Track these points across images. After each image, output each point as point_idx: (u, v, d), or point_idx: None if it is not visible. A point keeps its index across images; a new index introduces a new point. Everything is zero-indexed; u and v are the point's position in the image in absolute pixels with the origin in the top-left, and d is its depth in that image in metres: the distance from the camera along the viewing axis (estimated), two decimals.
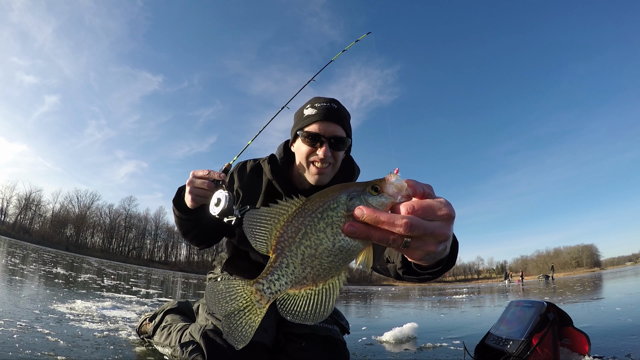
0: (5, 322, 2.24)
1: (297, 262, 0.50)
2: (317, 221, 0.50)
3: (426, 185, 0.55)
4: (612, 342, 2.46)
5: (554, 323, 1.87)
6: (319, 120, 1.26)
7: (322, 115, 1.26)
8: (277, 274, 0.51)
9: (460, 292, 15.21)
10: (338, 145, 1.28)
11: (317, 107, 1.29)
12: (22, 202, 54.88)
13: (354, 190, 0.51)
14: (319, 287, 0.51)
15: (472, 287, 25.78)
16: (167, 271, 39.00)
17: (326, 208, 0.50)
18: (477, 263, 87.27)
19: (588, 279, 20.49)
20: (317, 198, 0.51)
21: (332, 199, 0.50)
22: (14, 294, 3.76)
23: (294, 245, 0.50)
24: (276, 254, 0.51)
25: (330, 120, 1.27)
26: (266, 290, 0.51)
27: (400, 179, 0.52)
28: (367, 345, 2.74)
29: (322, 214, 0.50)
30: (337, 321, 1.49)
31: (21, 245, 27.34)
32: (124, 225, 62.99)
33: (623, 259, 66.61)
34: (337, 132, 1.28)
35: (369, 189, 0.51)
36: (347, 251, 0.50)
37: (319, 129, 1.26)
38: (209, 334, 1.20)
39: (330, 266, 0.51)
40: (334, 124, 1.27)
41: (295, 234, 0.50)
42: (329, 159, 1.27)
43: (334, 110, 1.29)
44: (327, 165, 1.29)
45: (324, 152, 1.25)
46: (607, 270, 50.14)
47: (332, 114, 1.28)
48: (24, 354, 1.64)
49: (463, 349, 2.12)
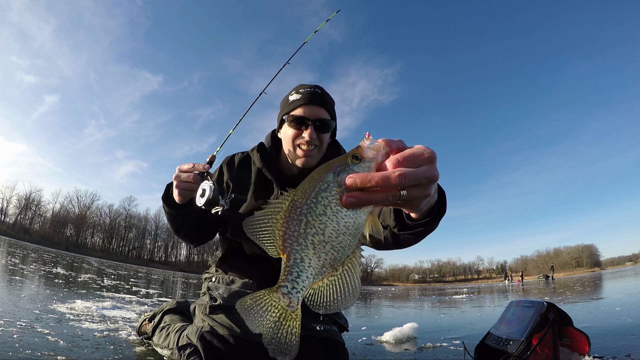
0: (5, 322, 2.24)
1: (311, 254, 0.49)
2: (315, 206, 0.49)
3: (398, 140, 0.55)
4: (612, 342, 2.46)
5: (554, 323, 1.87)
6: (304, 104, 1.30)
7: (306, 99, 1.30)
8: (295, 271, 0.49)
9: (460, 292, 15.21)
10: (323, 127, 1.31)
11: (302, 92, 1.33)
12: (22, 202, 54.90)
13: (337, 166, 0.50)
14: (339, 271, 0.50)
15: (472, 287, 25.78)
16: (167, 271, 39.01)
17: (318, 191, 0.49)
18: (477, 263, 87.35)
19: (588, 279, 20.49)
20: (305, 185, 0.50)
21: (320, 181, 0.49)
22: (14, 294, 3.76)
23: (301, 238, 0.49)
24: (287, 252, 0.50)
25: (314, 103, 1.31)
26: (292, 292, 0.50)
27: (374, 140, 0.52)
28: (367, 345, 2.74)
29: (317, 198, 0.49)
30: (336, 320, 1.48)
31: (21, 245, 27.34)
32: (124, 225, 63.02)
33: (623, 259, 66.57)
34: (322, 114, 1.32)
35: (350, 160, 0.50)
36: (353, 225, 0.49)
37: (303, 112, 1.30)
38: (206, 336, 1.19)
39: (342, 246, 0.49)
40: (318, 107, 1.31)
41: (297, 226, 0.49)
42: (314, 141, 1.31)
43: (317, 94, 1.33)
44: (313, 148, 1.32)
45: (309, 134, 1.29)
46: (607, 270, 50.15)
47: (316, 97, 1.32)
48: (24, 354, 1.64)
49: (463, 349, 2.12)
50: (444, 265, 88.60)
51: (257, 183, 1.41)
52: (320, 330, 1.33)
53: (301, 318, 0.52)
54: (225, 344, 1.16)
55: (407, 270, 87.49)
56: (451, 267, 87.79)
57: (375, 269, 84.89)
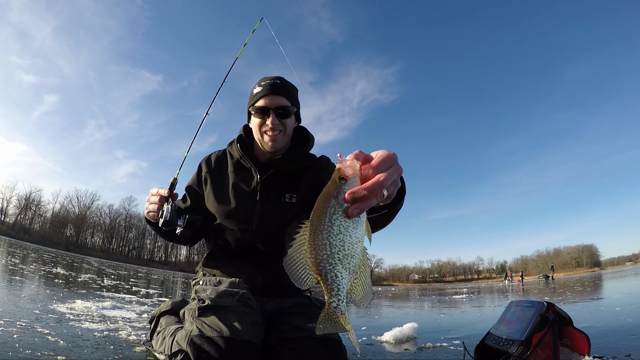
0: (5, 322, 2.24)
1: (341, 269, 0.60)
2: (332, 229, 0.59)
3: (358, 152, 0.66)
4: (612, 342, 2.46)
5: (554, 323, 1.87)
6: (265, 94, 1.45)
7: (267, 90, 1.45)
8: (335, 287, 0.61)
9: (460, 292, 15.21)
10: (284, 113, 1.46)
11: (263, 84, 1.48)
12: (22, 202, 54.91)
13: (333, 191, 0.60)
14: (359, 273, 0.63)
15: (472, 287, 25.79)
16: (167, 271, 39.02)
17: (330, 216, 0.59)
18: (477, 263, 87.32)
19: (588, 279, 20.50)
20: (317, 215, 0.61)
21: (327, 208, 0.60)
22: (14, 294, 3.76)
23: (330, 259, 0.59)
24: (322, 275, 0.61)
25: (274, 93, 1.46)
26: (340, 304, 0.63)
27: (347, 159, 0.63)
28: (367, 345, 2.74)
29: (331, 221, 0.59)
30: None
31: (21, 245, 27.35)
32: (124, 225, 63.03)
33: (623, 259, 66.53)
34: (282, 102, 1.46)
35: (339, 182, 0.60)
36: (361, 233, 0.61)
37: (265, 102, 1.45)
38: (196, 340, 1.17)
39: (357, 252, 0.61)
40: (278, 96, 1.46)
41: (324, 250, 0.59)
42: (277, 126, 1.46)
43: (277, 84, 1.47)
44: (278, 132, 1.47)
45: (272, 121, 1.44)
46: (607, 270, 50.15)
47: (276, 87, 1.47)
48: (24, 354, 1.64)
49: (463, 349, 2.12)
50: (444, 265, 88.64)
51: (235, 172, 1.56)
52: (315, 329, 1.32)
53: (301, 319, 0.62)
54: (215, 346, 1.15)
55: (407, 270, 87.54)
56: (451, 267, 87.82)
57: (375, 269, 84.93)
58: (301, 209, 1.48)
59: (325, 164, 1.58)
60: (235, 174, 1.55)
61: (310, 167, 1.56)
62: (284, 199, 1.49)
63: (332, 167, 1.51)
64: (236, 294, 1.34)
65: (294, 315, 1.38)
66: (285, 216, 1.46)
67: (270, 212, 1.48)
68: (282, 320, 1.37)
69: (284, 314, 1.42)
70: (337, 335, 1.38)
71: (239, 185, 1.52)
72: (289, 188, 1.51)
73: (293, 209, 1.48)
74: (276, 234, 1.46)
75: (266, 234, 1.48)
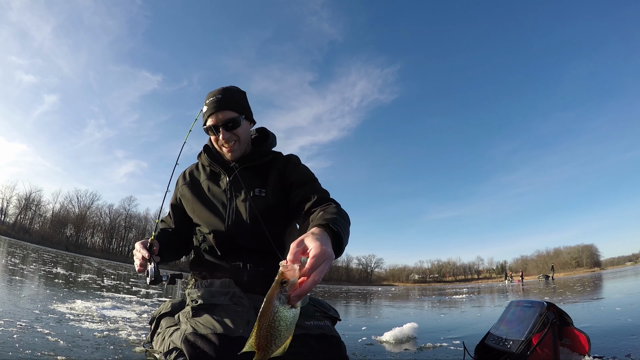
0: (5, 322, 2.24)
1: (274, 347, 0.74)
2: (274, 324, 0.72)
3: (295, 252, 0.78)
4: (612, 342, 2.46)
5: (554, 323, 1.87)
6: (211, 113, 1.54)
7: (212, 109, 1.54)
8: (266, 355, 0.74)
9: (460, 292, 15.21)
10: (233, 126, 1.55)
11: (208, 103, 1.56)
12: (22, 202, 54.90)
13: (277, 294, 0.73)
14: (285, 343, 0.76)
15: (472, 287, 25.79)
16: (167, 271, 38.90)
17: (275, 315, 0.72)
18: (477, 263, 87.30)
19: (588, 279, 20.50)
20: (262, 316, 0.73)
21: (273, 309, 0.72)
22: (14, 294, 3.76)
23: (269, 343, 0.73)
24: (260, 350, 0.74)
25: (219, 109, 1.53)
26: None
27: (288, 265, 0.74)
28: (367, 345, 2.74)
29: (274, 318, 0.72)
30: (327, 314, 1.49)
31: (21, 245, 27.35)
32: (124, 225, 63.05)
33: (623, 259, 66.49)
34: (228, 115, 1.54)
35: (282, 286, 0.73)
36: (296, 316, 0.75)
37: (213, 121, 1.54)
38: (190, 338, 1.18)
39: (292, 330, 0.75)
40: (223, 112, 1.53)
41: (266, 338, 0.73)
42: (230, 139, 1.55)
43: (219, 100, 1.54)
44: (233, 143, 1.56)
45: (223, 136, 1.53)
46: (607, 270, 50.13)
47: (219, 103, 1.54)
48: (24, 354, 1.64)
49: (463, 349, 2.12)
50: (444, 265, 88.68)
51: (208, 179, 1.66)
52: (314, 327, 1.32)
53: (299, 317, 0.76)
54: (209, 343, 1.16)
55: (407, 270, 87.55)
56: (451, 267, 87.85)
57: (375, 269, 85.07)
58: (271, 201, 1.57)
59: (294, 162, 1.65)
60: (208, 181, 1.66)
61: (274, 162, 1.66)
62: (254, 192, 1.57)
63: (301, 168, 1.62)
64: (228, 293, 1.38)
65: None
66: (257, 208, 1.54)
67: (242, 207, 1.56)
68: None
69: None
70: (336, 332, 1.39)
71: (213, 190, 1.63)
72: (257, 183, 1.60)
73: (264, 201, 1.56)
74: (252, 227, 1.52)
75: (243, 229, 1.54)
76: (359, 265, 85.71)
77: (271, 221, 1.52)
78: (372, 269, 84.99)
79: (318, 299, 1.57)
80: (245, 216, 1.53)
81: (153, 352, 1.54)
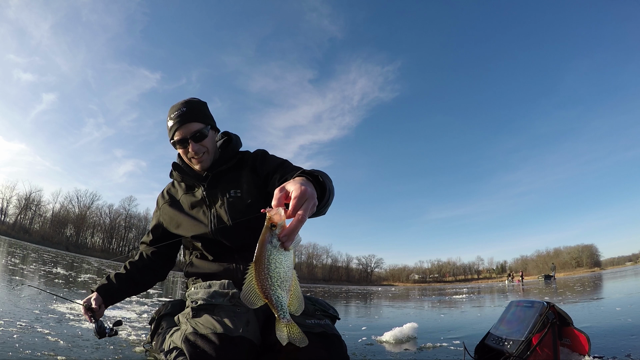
0: (5, 322, 2.24)
1: (280, 291, 0.79)
2: (270, 265, 0.77)
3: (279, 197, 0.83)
4: (612, 342, 2.46)
5: (554, 323, 1.87)
6: (178, 127, 1.56)
7: (178, 123, 1.55)
8: (279, 305, 0.79)
9: (460, 292, 15.22)
10: (200, 137, 1.57)
11: (173, 117, 1.57)
12: (22, 202, 54.90)
13: (268, 237, 0.77)
14: (292, 289, 0.82)
15: (472, 287, 25.80)
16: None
17: (267, 256, 0.77)
18: (477, 263, 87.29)
19: (588, 279, 20.50)
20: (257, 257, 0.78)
21: (265, 251, 0.77)
22: (14, 294, 3.76)
23: (272, 287, 0.78)
24: (269, 298, 0.79)
25: (185, 122, 1.55)
26: (286, 316, 0.80)
27: (273, 209, 0.79)
28: (367, 345, 2.74)
29: (269, 260, 0.77)
30: (327, 313, 1.50)
31: (21, 245, 27.36)
32: (124, 225, 63.03)
33: (623, 259, 66.50)
34: (194, 127, 1.56)
35: (271, 229, 0.77)
36: (291, 261, 0.80)
37: (181, 135, 1.56)
38: (190, 338, 1.20)
39: (290, 275, 0.80)
40: (189, 124, 1.55)
41: (267, 282, 0.78)
42: (200, 150, 1.57)
43: (184, 112, 1.57)
44: (202, 154, 1.59)
45: (192, 148, 1.55)
46: (607, 270, 50.16)
47: (184, 116, 1.56)
48: (24, 354, 1.64)
49: (463, 349, 2.13)
50: (444, 265, 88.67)
51: (186, 192, 1.70)
52: (315, 325, 1.33)
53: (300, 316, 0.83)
54: (209, 342, 1.18)
55: (407, 270, 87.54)
56: (451, 267, 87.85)
57: (375, 269, 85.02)
58: (248, 198, 1.60)
59: (261, 156, 1.69)
60: (185, 195, 1.70)
61: (243, 161, 1.70)
62: (229, 194, 1.61)
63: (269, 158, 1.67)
64: (227, 294, 1.39)
65: None
66: (235, 209, 1.57)
67: (222, 211, 1.60)
68: None
69: None
70: (337, 330, 1.40)
71: (191, 202, 1.67)
72: (231, 185, 1.63)
73: (240, 201, 1.59)
74: (234, 227, 1.56)
75: (227, 232, 1.57)
76: (359, 265, 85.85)
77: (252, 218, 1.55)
78: (372, 269, 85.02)
79: (318, 298, 1.58)
80: (226, 218, 1.56)
81: (153, 352, 1.55)
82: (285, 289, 0.79)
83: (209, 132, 1.61)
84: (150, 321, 1.64)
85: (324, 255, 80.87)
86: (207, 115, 1.65)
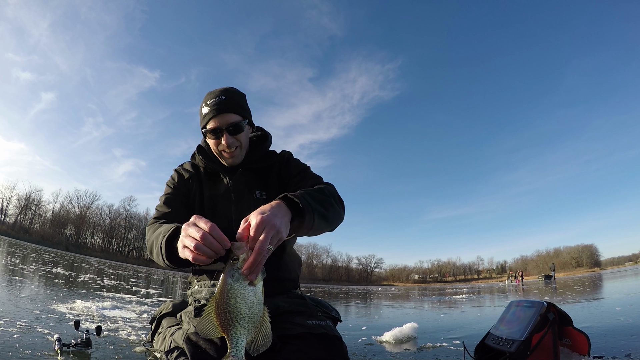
0: (5, 322, 2.24)
1: (239, 328, 0.76)
2: (229, 301, 0.75)
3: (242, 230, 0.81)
4: (612, 342, 2.46)
5: (554, 323, 1.87)
6: (214, 115, 1.45)
7: (215, 111, 1.45)
8: (234, 342, 0.76)
9: (460, 292, 15.22)
10: (236, 130, 1.47)
11: (209, 104, 1.47)
12: (22, 202, 54.90)
13: (229, 271, 0.76)
14: (260, 327, 0.78)
15: (472, 287, 25.80)
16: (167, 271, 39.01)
17: (227, 292, 0.75)
18: (477, 263, 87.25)
19: (588, 279, 20.50)
20: (218, 291, 0.76)
21: (226, 286, 0.75)
22: (14, 294, 3.76)
23: (230, 322, 0.75)
24: (226, 333, 0.76)
25: (223, 111, 1.45)
26: (238, 354, 0.76)
27: (235, 244, 0.78)
28: (367, 345, 2.74)
29: (228, 295, 0.75)
30: (329, 315, 1.49)
31: (21, 245, 27.36)
32: (124, 225, 63.02)
33: (623, 259, 66.42)
34: (232, 119, 1.46)
35: (233, 263, 0.76)
36: (256, 297, 0.77)
37: (215, 124, 1.45)
38: (192, 337, 1.19)
39: (255, 312, 0.77)
40: (226, 114, 1.45)
41: (225, 317, 0.75)
42: (233, 144, 1.47)
43: (223, 101, 1.46)
44: (235, 149, 1.49)
45: (226, 140, 1.45)
46: (607, 270, 50.12)
47: (223, 105, 1.46)
48: (24, 354, 1.64)
49: (463, 349, 2.13)
50: (444, 265, 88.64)
51: (208, 179, 1.59)
52: (316, 326, 1.33)
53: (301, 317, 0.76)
54: (211, 343, 1.17)
55: (407, 270, 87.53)
56: (451, 267, 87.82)
57: (375, 269, 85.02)
58: None
59: (286, 159, 1.63)
60: (207, 182, 1.60)
61: (273, 164, 1.62)
62: (255, 195, 1.54)
63: (293, 162, 1.61)
64: None
65: (294, 314, 1.39)
66: None
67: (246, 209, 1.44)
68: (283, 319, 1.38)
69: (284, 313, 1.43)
70: (337, 332, 1.39)
71: (213, 191, 1.57)
72: (257, 185, 1.56)
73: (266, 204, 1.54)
74: None
75: None
76: (359, 265, 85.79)
77: None
78: (372, 269, 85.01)
79: (319, 299, 1.57)
80: None
81: (153, 352, 1.55)
82: (245, 325, 0.75)
83: (245, 126, 1.51)
84: (151, 321, 1.64)
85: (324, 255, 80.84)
86: (245, 108, 1.56)
